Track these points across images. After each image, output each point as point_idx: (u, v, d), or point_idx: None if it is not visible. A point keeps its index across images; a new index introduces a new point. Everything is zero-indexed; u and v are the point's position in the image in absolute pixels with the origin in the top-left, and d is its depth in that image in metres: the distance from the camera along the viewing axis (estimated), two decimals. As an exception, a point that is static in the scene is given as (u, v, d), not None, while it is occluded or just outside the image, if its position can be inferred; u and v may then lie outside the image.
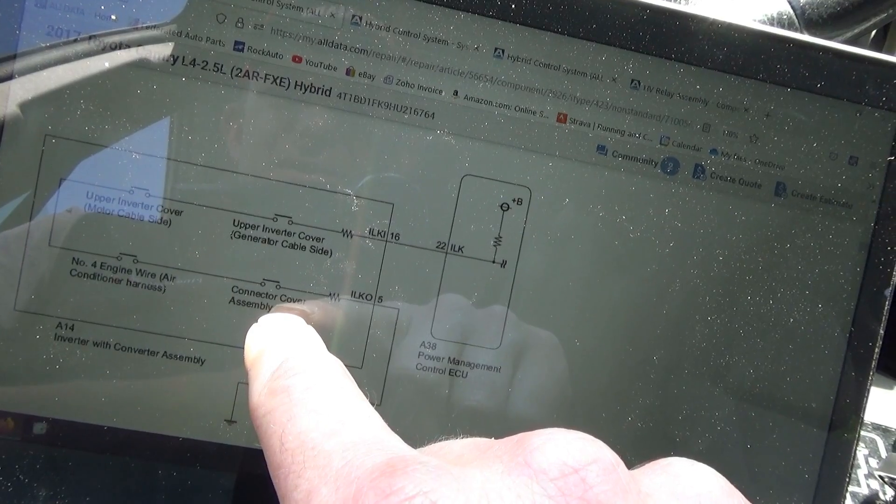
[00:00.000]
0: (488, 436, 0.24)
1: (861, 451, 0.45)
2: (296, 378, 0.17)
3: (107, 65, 0.23)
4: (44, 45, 0.23)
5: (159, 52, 0.23)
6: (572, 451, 0.13)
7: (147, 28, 0.23)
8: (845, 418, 0.26)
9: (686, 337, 0.26)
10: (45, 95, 0.23)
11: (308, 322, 0.22)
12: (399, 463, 0.13)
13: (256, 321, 0.21)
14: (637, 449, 0.26)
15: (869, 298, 0.26)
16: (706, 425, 0.26)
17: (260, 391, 0.18)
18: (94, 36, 0.23)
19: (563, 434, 0.14)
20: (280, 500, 0.15)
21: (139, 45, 0.23)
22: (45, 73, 0.23)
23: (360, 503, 0.13)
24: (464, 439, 0.16)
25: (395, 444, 0.15)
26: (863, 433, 0.46)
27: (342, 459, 0.14)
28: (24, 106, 0.23)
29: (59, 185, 0.23)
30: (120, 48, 0.23)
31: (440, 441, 0.17)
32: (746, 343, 0.26)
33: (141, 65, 0.23)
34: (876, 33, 0.35)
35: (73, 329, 0.23)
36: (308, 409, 0.16)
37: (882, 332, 0.26)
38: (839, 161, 0.26)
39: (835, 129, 0.26)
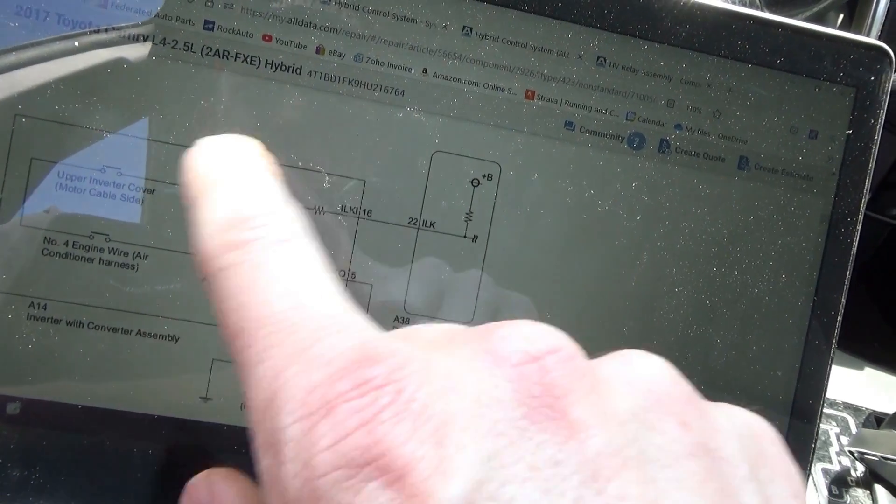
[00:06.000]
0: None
1: (833, 430, 0.46)
2: (256, 232, 0.15)
3: (76, 44, 0.23)
4: (12, 24, 0.23)
5: (129, 31, 0.23)
6: (534, 340, 0.14)
7: (116, 7, 0.23)
8: (810, 385, 0.27)
9: (654, 308, 0.26)
10: (14, 75, 0.23)
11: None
12: (371, 351, 0.13)
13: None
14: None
15: (831, 268, 0.27)
16: (676, 395, 0.27)
17: (212, 237, 0.15)
18: (64, 15, 0.23)
19: (529, 325, 0.14)
20: (239, 369, 0.14)
21: (109, 24, 0.23)
22: (13, 53, 0.23)
23: (331, 391, 0.13)
24: (436, 325, 0.16)
25: (364, 324, 0.14)
26: (834, 412, 0.47)
27: (312, 338, 0.14)
28: (-7, 85, 0.23)
29: (30, 165, 0.23)
30: (90, 27, 0.23)
31: (413, 325, 0.16)
32: (713, 314, 0.27)
33: (111, 44, 0.23)
34: (843, 13, 0.36)
35: (45, 308, 0.23)
36: (272, 273, 0.15)
37: (844, 301, 0.27)
38: (800, 135, 0.27)
39: (795, 103, 0.26)
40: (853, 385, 0.52)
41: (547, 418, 0.13)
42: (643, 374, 0.14)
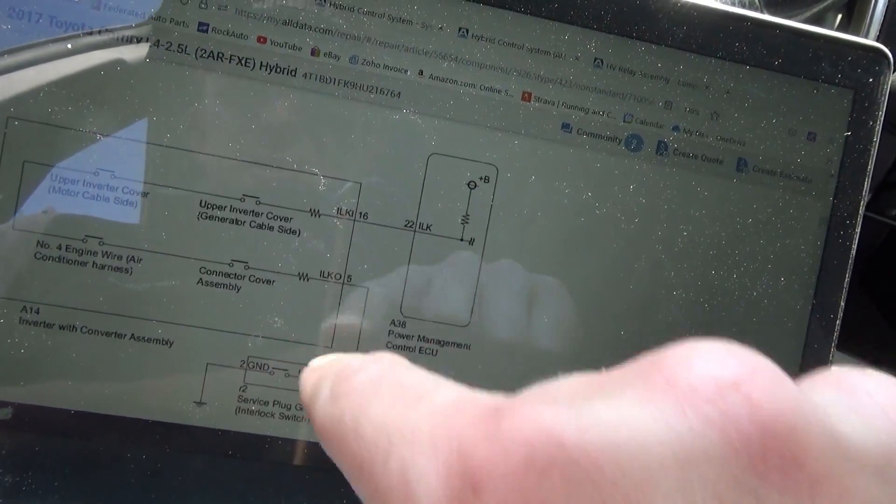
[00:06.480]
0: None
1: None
2: (358, 376, 0.14)
3: (69, 46, 0.23)
4: (4, 26, 0.23)
5: (123, 33, 0.23)
6: (725, 361, 0.10)
7: (110, 9, 0.23)
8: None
9: (652, 311, 0.26)
10: (7, 78, 0.23)
11: None
12: (504, 404, 0.11)
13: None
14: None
15: (830, 270, 0.27)
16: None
17: (323, 406, 0.15)
18: (56, 17, 0.23)
19: (707, 343, 0.11)
20: (361, 487, 0.13)
21: (102, 27, 0.23)
22: (5, 55, 0.23)
23: (467, 454, 0.10)
24: (569, 377, 0.13)
25: (487, 396, 0.12)
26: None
27: (432, 424, 0.12)
28: (-14, 87, 0.23)
29: (23, 168, 0.23)
30: (83, 29, 0.23)
31: (537, 384, 0.13)
32: (711, 316, 0.26)
33: (104, 46, 0.23)
34: (842, 15, 0.35)
35: (38, 313, 0.23)
36: (380, 395, 0.13)
37: (843, 303, 0.27)
38: (798, 137, 0.26)
39: (793, 105, 0.26)
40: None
41: (778, 471, 0.09)
42: (880, 403, 0.11)
